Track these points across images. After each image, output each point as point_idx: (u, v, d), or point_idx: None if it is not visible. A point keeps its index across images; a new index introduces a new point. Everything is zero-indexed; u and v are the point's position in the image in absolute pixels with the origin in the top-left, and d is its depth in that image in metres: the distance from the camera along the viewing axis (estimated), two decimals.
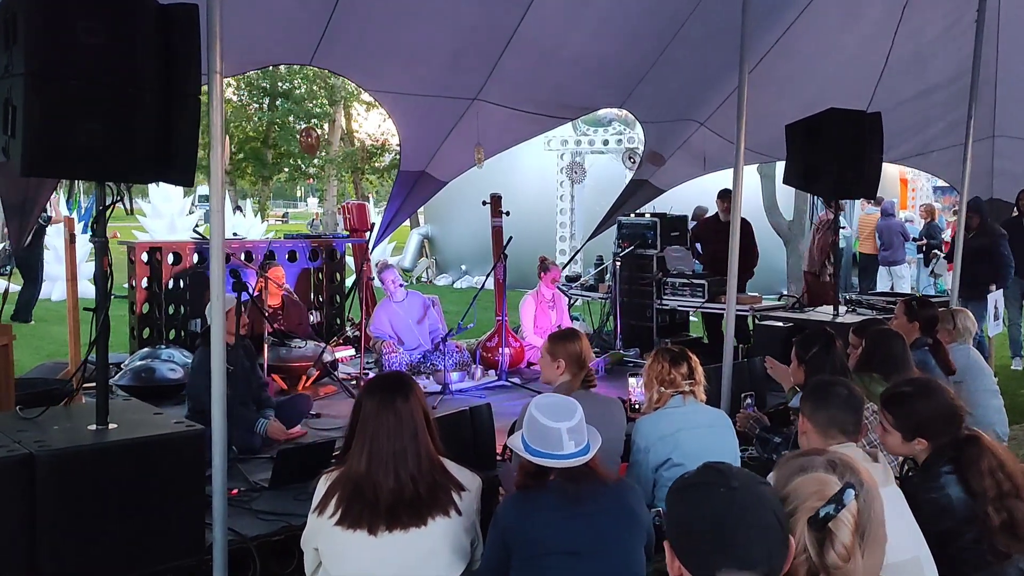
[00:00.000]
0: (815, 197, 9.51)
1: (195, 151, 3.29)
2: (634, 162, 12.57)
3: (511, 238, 7.42)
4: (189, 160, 3.24)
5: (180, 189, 16.39)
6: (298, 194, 67.43)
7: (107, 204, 3.30)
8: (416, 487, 2.48)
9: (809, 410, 2.84)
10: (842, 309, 7.32)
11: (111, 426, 3.34)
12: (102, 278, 3.38)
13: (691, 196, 11.43)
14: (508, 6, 5.88)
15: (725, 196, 8.29)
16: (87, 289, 11.05)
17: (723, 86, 6.60)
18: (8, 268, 11.23)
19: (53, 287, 13.02)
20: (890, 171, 17.26)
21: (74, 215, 12.55)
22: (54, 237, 12.70)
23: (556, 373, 3.76)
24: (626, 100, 7.33)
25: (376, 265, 7.89)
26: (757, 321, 7.35)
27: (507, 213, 7.71)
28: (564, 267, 11.20)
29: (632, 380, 5.17)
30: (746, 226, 8.54)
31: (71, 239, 5.36)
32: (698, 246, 8.95)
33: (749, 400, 4.42)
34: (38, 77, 2.91)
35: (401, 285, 7.34)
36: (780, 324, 6.98)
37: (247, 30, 5.33)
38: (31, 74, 2.90)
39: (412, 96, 6.74)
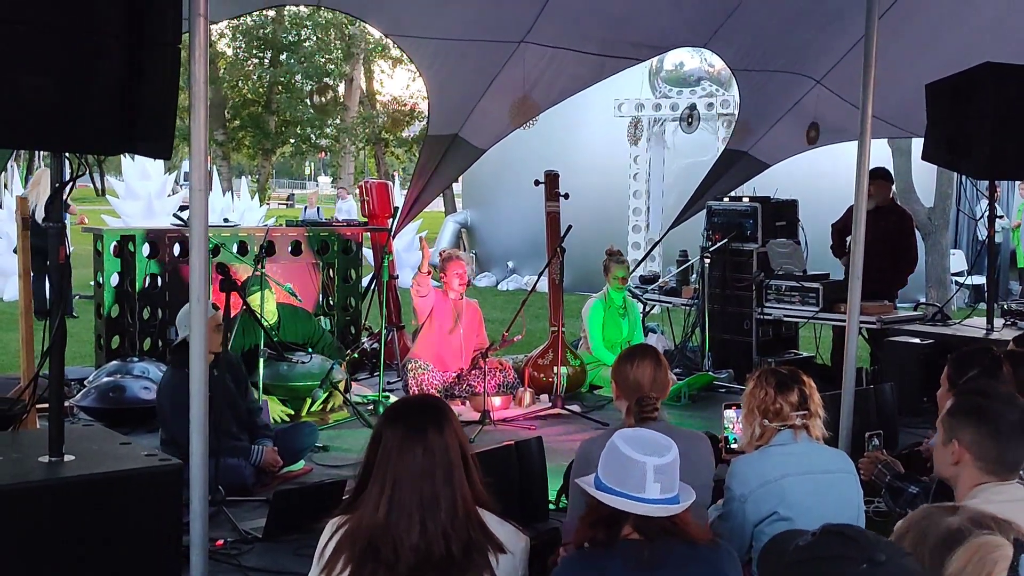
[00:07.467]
0: (964, 178, 9.24)
1: (173, 114, 3.30)
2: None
3: (570, 227, 7.36)
4: (164, 125, 3.25)
5: (160, 164, 16.60)
6: (307, 171, 68.23)
7: (65, 180, 3.33)
8: (448, 545, 2.43)
9: (972, 437, 2.73)
10: (998, 322, 7.13)
11: (67, 458, 3.37)
12: (58, 273, 3.41)
13: (802, 173, 11.25)
14: None
15: (877, 176, 8.10)
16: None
17: (847, 30, 6.43)
18: None
19: (5, 284, 13.29)
20: None
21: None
22: (6, 223, 12.97)
23: (615, 400, 3.77)
24: (711, 39, 7.22)
25: (441, 253, 7.82)
26: (887, 337, 7.19)
27: (566, 196, 7.65)
28: (637, 264, 11.11)
29: (729, 413, 4.98)
30: (905, 220, 8.38)
31: (24, 224, 5.43)
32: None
33: (876, 440, 4.33)
34: None
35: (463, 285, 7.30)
36: (917, 341, 6.84)
37: None
38: None
39: (443, 41, 6.72)
